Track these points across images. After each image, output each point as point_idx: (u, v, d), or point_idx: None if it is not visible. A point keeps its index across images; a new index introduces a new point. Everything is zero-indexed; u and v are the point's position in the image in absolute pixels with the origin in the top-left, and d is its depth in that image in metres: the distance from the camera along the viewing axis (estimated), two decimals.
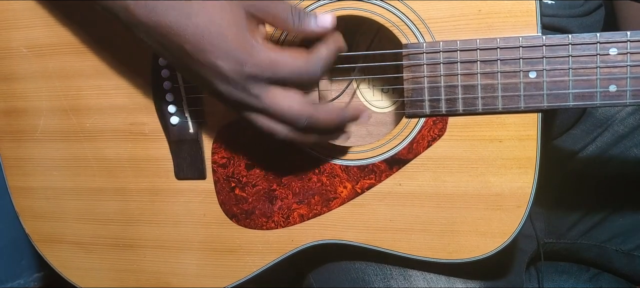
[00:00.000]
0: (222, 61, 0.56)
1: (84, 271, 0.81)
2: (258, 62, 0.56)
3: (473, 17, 0.61)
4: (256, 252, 0.74)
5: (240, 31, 0.56)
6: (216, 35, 0.55)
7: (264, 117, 0.59)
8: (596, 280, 0.90)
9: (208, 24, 0.55)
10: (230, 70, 0.56)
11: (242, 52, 0.55)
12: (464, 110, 0.63)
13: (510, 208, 0.64)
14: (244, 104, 0.59)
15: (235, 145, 0.72)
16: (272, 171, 0.71)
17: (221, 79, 0.57)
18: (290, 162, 0.70)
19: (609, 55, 0.58)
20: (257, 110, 0.59)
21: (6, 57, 0.76)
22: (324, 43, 0.59)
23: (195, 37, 0.56)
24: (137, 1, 0.56)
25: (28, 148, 0.79)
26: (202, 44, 0.56)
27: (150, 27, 0.57)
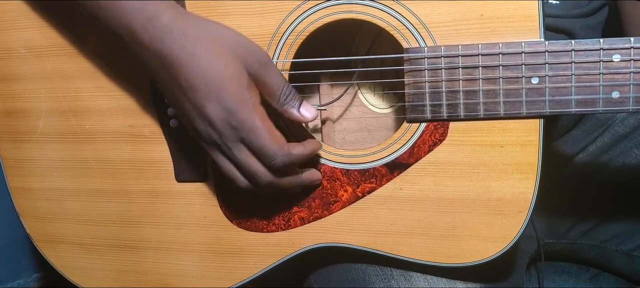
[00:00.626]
0: (211, 105, 0.58)
1: (85, 271, 0.82)
2: (243, 119, 0.59)
3: (475, 21, 0.61)
4: (257, 254, 0.74)
5: (239, 87, 0.59)
6: (214, 82, 0.58)
7: (229, 164, 0.63)
8: (596, 280, 0.90)
9: (209, 67, 0.58)
10: (216, 116, 0.59)
11: (233, 104, 0.58)
12: (465, 115, 0.63)
13: (512, 213, 0.64)
14: (217, 146, 0.62)
15: None
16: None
17: (203, 119, 0.60)
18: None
19: (612, 61, 0.58)
20: (226, 157, 0.63)
21: (5, 58, 0.76)
22: (301, 145, 0.64)
23: (191, 75, 0.58)
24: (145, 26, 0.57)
25: (28, 149, 0.79)
26: (197, 84, 0.58)
27: (151, 53, 0.59)
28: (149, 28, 0.58)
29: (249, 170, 0.62)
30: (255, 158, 0.62)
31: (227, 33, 0.60)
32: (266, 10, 0.66)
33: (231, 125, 0.59)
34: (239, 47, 0.60)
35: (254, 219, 0.73)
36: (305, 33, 0.66)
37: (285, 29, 0.66)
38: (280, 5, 0.65)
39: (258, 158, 0.62)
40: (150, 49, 0.58)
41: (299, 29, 0.66)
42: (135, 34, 0.58)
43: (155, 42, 0.58)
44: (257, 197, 0.71)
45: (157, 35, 0.58)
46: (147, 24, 0.58)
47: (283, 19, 0.66)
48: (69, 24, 0.72)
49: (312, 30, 0.66)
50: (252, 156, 0.62)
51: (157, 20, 0.58)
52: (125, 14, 0.59)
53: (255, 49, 0.61)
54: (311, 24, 0.65)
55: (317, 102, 0.77)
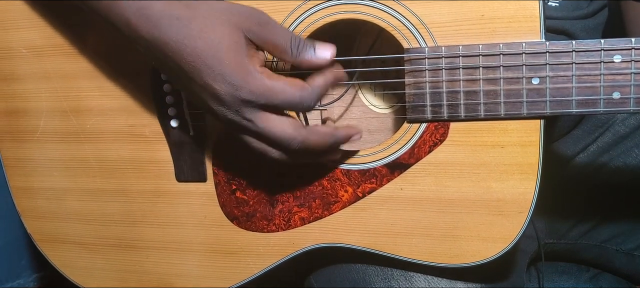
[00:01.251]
0: (218, 83, 0.56)
1: (86, 271, 0.82)
2: (253, 89, 0.56)
3: (476, 21, 0.61)
4: (257, 255, 0.74)
5: (238, 56, 0.56)
6: (213, 58, 0.56)
7: (257, 140, 0.60)
8: (596, 280, 0.90)
9: (206, 46, 0.56)
10: (225, 94, 0.57)
11: (238, 77, 0.56)
12: (466, 116, 0.63)
13: (512, 214, 0.64)
14: (238, 125, 0.59)
15: (236, 147, 0.72)
16: (274, 174, 0.71)
17: (216, 100, 0.58)
18: (291, 165, 0.70)
19: (613, 62, 0.58)
20: (250, 132, 0.60)
21: (6, 57, 0.76)
22: (321, 74, 0.60)
23: (192, 58, 0.56)
24: (138, 16, 0.57)
25: (29, 149, 0.79)
26: (198, 65, 0.56)
27: (150, 43, 0.57)
28: (142, 17, 0.57)
29: (276, 135, 0.59)
30: (279, 119, 0.59)
31: (219, 6, 0.58)
32: (266, 10, 0.65)
33: (243, 99, 0.57)
34: (232, 16, 0.57)
35: (254, 219, 0.73)
36: (305, 33, 0.66)
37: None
38: (281, 5, 0.65)
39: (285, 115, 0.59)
40: (148, 39, 0.57)
41: (300, 29, 0.66)
42: (132, 25, 0.57)
43: (151, 31, 0.57)
44: (258, 197, 0.71)
45: (152, 23, 0.57)
46: (141, 13, 0.57)
47: (283, 19, 0.66)
48: (69, 23, 0.72)
49: (312, 30, 0.66)
50: (276, 118, 0.59)
51: (149, 9, 0.57)
52: (119, 7, 0.58)
53: (251, 11, 0.58)
54: (311, 24, 0.65)
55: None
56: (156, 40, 0.57)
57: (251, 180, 0.72)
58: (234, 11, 0.58)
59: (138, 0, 0.57)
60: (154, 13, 0.57)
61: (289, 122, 0.59)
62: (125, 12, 0.58)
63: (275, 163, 0.62)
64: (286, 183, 0.71)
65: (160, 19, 0.56)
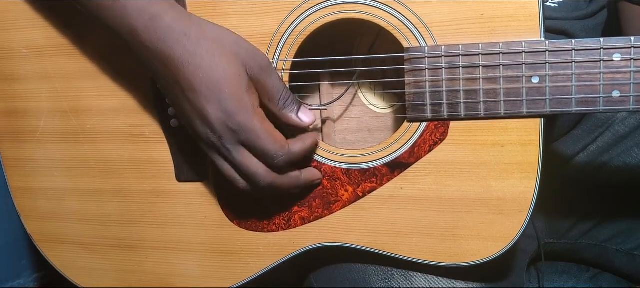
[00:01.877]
0: (211, 107, 0.59)
1: (86, 271, 0.82)
2: (241, 122, 0.59)
3: (475, 20, 0.61)
4: (257, 254, 0.74)
5: (238, 88, 0.59)
6: (214, 82, 0.58)
7: (229, 167, 0.63)
8: (596, 280, 0.90)
9: (209, 68, 0.58)
10: (215, 118, 0.59)
11: (232, 106, 0.59)
12: (466, 114, 0.63)
13: (512, 213, 0.64)
14: (216, 150, 0.62)
15: None
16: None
17: (203, 122, 0.60)
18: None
19: (612, 61, 0.58)
20: (225, 159, 0.63)
21: (7, 57, 0.76)
22: (300, 140, 0.65)
23: (192, 76, 0.58)
24: (146, 25, 0.58)
25: (29, 149, 0.79)
26: (197, 85, 0.58)
27: (152, 53, 0.59)
28: (150, 28, 0.58)
29: (248, 172, 0.62)
30: (255, 159, 0.62)
31: (228, 35, 0.61)
32: (266, 10, 0.66)
33: (230, 128, 0.60)
34: (240, 49, 0.60)
35: (254, 219, 0.73)
36: (305, 33, 0.66)
37: (286, 29, 0.66)
38: (281, 5, 0.65)
39: (259, 159, 0.62)
40: (152, 49, 0.58)
41: (300, 29, 0.66)
42: (137, 34, 0.59)
43: (157, 42, 0.58)
44: (258, 197, 0.71)
45: (159, 35, 0.58)
46: (149, 24, 0.59)
47: (283, 19, 0.66)
48: (70, 24, 0.73)
49: (312, 30, 0.66)
50: (253, 158, 0.62)
51: (159, 20, 0.59)
52: (128, 14, 0.59)
53: (256, 53, 0.61)
54: (311, 24, 0.65)
55: (318, 102, 0.77)
56: (159, 53, 0.58)
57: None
58: (242, 45, 0.61)
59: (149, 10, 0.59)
60: (162, 25, 0.58)
61: (261, 165, 0.62)
62: (133, 21, 0.59)
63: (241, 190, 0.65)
64: None
65: (167, 33, 0.58)
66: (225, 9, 0.66)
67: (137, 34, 0.59)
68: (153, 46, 0.58)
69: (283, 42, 0.66)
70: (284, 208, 0.71)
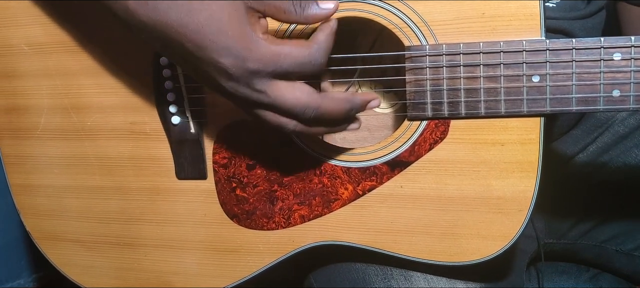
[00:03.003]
0: (224, 58, 0.55)
1: (84, 269, 0.82)
2: (260, 57, 0.55)
3: (476, 19, 0.61)
4: (257, 253, 0.74)
5: (240, 27, 0.55)
6: (216, 31, 0.54)
7: (271, 113, 0.58)
8: (596, 280, 0.90)
9: (208, 20, 0.54)
10: (233, 67, 0.55)
11: (243, 48, 0.54)
12: (466, 113, 0.63)
13: (512, 212, 0.64)
14: (250, 100, 0.58)
15: (237, 145, 0.72)
16: (273, 172, 0.71)
17: (224, 76, 0.56)
18: (291, 163, 0.70)
19: (612, 60, 0.58)
20: (263, 105, 0.58)
21: (7, 54, 0.76)
22: (319, 30, 0.58)
23: (196, 35, 0.54)
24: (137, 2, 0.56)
25: (29, 146, 0.79)
26: (203, 42, 0.55)
27: (150, 27, 0.56)
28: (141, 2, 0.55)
29: (290, 103, 0.57)
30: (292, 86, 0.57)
31: None
32: None
33: (251, 71, 0.55)
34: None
35: (254, 217, 0.73)
36: (306, 31, 0.66)
37: (287, 28, 0.66)
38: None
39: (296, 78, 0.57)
40: (149, 23, 0.56)
41: (301, 28, 0.66)
42: (130, 10, 0.56)
43: (150, 13, 0.55)
44: (258, 195, 0.71)
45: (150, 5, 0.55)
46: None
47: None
48: (71, 20, 0.72)
49: (313, 28, 0.66)
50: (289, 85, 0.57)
51: None
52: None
53: None
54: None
55: None
56: (156, 23, 0.56)
57: (251, 178, 0.72)
58: None
59: None
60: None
61: (301, 89, 0.57)
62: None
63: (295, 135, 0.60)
64: (286, 181, 0.71)
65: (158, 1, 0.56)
66: None
67: (130, 11, 0.56)
68: (149, 19, 0.56)
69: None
70: (284, 206, 0.71)
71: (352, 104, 0.61)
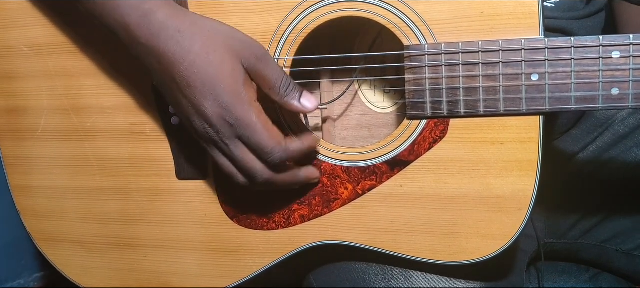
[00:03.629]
0: (208, 102, 0.59)
1: (84, 270, 0.82)
2: (239, 116, 0.59)
3: (475, 18, 0.61)
4: (257, 253, 0.74)
5: (234, 82, 0.59)
6: (211, 78, 0.58)
7: (228, 163, 0.63)
8: (596, 280, 0.90)
9: (204, 64, 0.58)
10: (212, 113, 0.59)
11: (229, 101, 0.58)
12: (465, 112, 0.63)
13: (512, 210, 0.64)
14: (214, 143, 0.62)
15: None
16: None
17: (200, 117, 0.60)
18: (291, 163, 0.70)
19: (611, 58, 0.58)
20: (224, 154, 0.63)
21: (7, 56, 0.76)
22: (299, 140, 0.64)
23: (187, 73, 0.58)
24: (139, 22, 0.58)
25: (29, 147, 0.79)
26: (193, 81, 0.58)
27: (147, 50, 0.59)
28: (144, 25, 0.58)
29: (246, 166, 0.62)
30: (252, 155, 0.62)
31: (222, 29, 0.61)
32: (267, 8, 0.66)
33: (227, 122, 0.59)
34: (234, 42, 0.60)
35: (254, 217, 0.73)
36: (306, 31, 0.66)
37: (286, 27, 0.66)
38: (282, 3, 0.66)
39: (256, 155, 0.62)
40: (147, 46, 0.58)
41: (300, 27, 0.66)
42: (131, 31, 0.59)
43: (151, 39, 0.58)
44: (258, 194, 0.71)
45: (152, 31, 0.58)
46: (143, 20, 0.59)
47: (284, 17, 0.66)
48: (70, 22, 0.73)
49: (313, 28, 0.66)
50: (250, 153, 0.62)
51: (152, 16, 0.59)
52: (121, 11, 0.59)
53: (251, 43, 0.61)
54: (312, 22, 0.66)
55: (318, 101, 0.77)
56: (153, 49, 0.58)
57: None
58: (236, 38, 0.60)
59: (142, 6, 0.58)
60: (155, 22, 0.58)
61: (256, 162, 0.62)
62: (126, 17, 0.59)
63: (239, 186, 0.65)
64: None
65: (161, 29, 0.58)
66: (227, 7, 0.67)
67: (130, 30, 0.59)
68: (147, 42, 0.58)
69: (284, 40, 0.67)
70: (283, 206, 0.71)
71: (298, 180, 0.67)
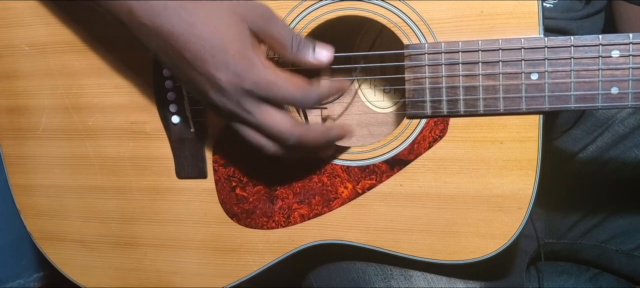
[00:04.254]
0: (221, 73, 0.57)
1: (85, 269, 0.82)
2: (256, 80, 0.57)
3: (475, 18, 0.61)
4: (257, 252, 0.74)
5: (242, 46, 0.57)
6: (218, 47, 0.56)
7: (254, 132, 0.61)
8: (596, 280, 0.90)
9: (211, 35, 0.56)
10: (227, 83, 0.57)
11: (241, 67, 0.56)
12: (465, 111, 0.63)
13: (511, 210, 0.64)
14: (237, 116, 0.60)
15: (237, 144, 0.72)
16: (273, 171, 0.71)
17: (216, 90, 0.58)
18: (291, 162, 0.70)
19: (611, 57, 0.58)
20: (248, 124, 0.60)
21: (8, 54, 0.76)
22: (328, 80, 0.62)
23: (196, 46, 0.56)
24: (141, 4, 0.57)
25: (30, 146, 0.79)
26: (202, 54, 0.56)
27: (152, 31, 0.57)
28: (146, 6, 0.57)
29: (275, 129, 0.59)
30: (279, 114, 0.59)
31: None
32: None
33: (245, 90, 0.57)
34: (238, 6, 0.58)
35: (254, 216, 0.73)
36: (305, 31, 0.66)
37: (291, 21, 0.66)
38: (281, 3, 0.66)
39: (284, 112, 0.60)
40: (151, 27, 0.57)
41: (300, 27, 0.66)
42: (134, 13, 0.58)
43: (154, 19, 0.57)
44: (258, 193, 0.71)
45: (155, 11, 0.57)
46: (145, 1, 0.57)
47: (284, 16, 0.66)
48: (72, 20, 0.73)
49: (312, 27, 0.66)
50: (276, 113, 0.59)
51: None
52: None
53: (255, 4, 0.58)
54: (312, 22, 0.66)
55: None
56: (158, 29, 0.57)
57: (251, 177, 0.72)
58: (239, 3, 0.58)
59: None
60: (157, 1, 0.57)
61: (287, 119, 0.60)
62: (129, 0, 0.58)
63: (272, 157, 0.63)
64: (286, 180, 0.71)
65: (164, 8, 0.56)
66: None
67: (134, 13, 0.58)
68: (151, 23, 0.57)
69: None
70: (283, 205, 0.71)
71: (329, 137, 0.64)
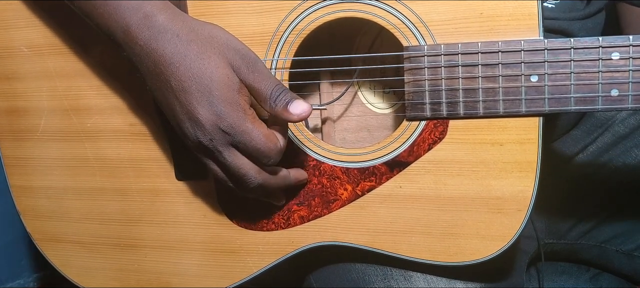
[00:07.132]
0: (202, 108, 0.59)
1: (85, 270, 0.82)
2: (234, 124, 0.59)
3: (474, 19, 0.61)
4: (256, 253, 0.74)
5: (227, 90, 0.59)
6: (206, 84, 0.58)
7: (219, 169, 0.63)
8: (596, 281, 0.90)
9: (200, 70, 0.58)
10: (206, 119, 0.59)
11: (223, 109, 0.58)
12: (465, 113, 0.63)
13: (511, 211, 0.64)
14: (206, 150, 0.62)
15: None
16: None
17: (193, 122, 0.60)
18: (290, 164, 0.70)
19: (611, 59, 0.58)
20: (216, 162, 0.63)
21: (7, 56, 0.76)
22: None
23: (184, 77, 0.58)
24: (139, 23, 0.58)
25: (29, 148, 0.79)
26: (188, 86, 0.58)
27: (144, 52, 0.59)
28: (143, 26, 0.59)
29: (239, 173, 0.62)
30: (246, 160, 0.61)
31: (219, 36, 0.60)
32: (266, 9, 0.66)
33: (221, 130, 0.59)
34: (228, 50, 0.60)
35: (253, 218, 0.73)
36: (305, 31, 0.66)
37: (286, 28, 0.66)
38: (281, 4, 0.66)
39: (252, 160, 0.62)
40: (145, 48, 0.59)
41: (300, 28, 0.66)
42: (130, 32, 0.59)
43: (149, 41, 0.59)
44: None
45: (152, 34, 0.58)
46: (143, 22, 0.59)
47: (284, 17, 0.66)
48: (70, 22, 0.73)
49: (312, 28, 0.66)
50: (244, 158, 0.61)
51: (153, 19, 0.59)
52: (122, 13, 0.60)
53: (245, 52, 0.60)
54: (311, 23, 0.66)
55: (318, 101, 0.78)
56: (151, 51, 0.59)
57: None
58: (230, 46, 0.60)
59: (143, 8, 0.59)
60: (155, 24, 0.59)
61: (252, 165, 0.62)
62: (127, 18, 0.59)
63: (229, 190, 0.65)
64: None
65: (160, 32, 0.58)
66: (226, 7, 0.67)
67: (129, 31, 0.59)
68: (146, 45, 0.59)
69: (283, 40, 0.67)
70: (283, 206, 0.71)
71: (288, 182, 0.67)
